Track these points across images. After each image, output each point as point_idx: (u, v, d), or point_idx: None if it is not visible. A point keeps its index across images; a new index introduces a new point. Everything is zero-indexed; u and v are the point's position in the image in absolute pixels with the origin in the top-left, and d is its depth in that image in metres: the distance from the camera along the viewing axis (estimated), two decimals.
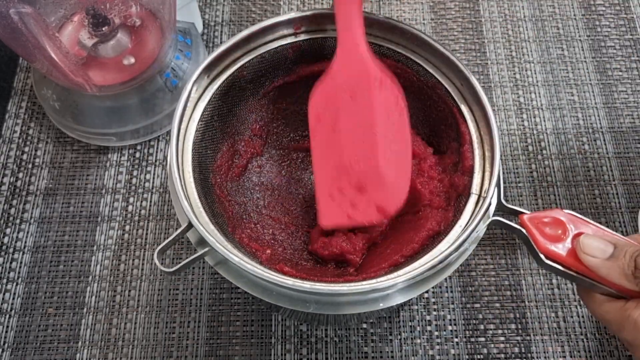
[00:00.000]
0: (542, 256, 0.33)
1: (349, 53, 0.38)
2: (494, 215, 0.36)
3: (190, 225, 0.34)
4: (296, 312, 0.36)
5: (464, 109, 0.39)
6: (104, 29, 0.48)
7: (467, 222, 0.35)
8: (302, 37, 0.41)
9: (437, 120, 0.42)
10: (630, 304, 0.31)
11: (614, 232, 0.33)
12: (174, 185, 0.35)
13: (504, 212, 0.36)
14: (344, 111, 0.38)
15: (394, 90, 0.39)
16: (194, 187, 0.37)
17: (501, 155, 0.43)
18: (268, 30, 0.40)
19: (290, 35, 0.41)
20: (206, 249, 0.34)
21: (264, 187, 0.46)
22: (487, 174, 0.37)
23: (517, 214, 0.35)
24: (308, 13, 0.40)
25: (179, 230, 0.35)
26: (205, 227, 0.35)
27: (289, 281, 0.32)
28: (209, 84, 0.40)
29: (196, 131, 0.39)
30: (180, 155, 0.37)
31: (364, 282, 0.33)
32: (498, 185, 0.36)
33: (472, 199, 0.37)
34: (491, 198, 0.35)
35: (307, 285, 0.32)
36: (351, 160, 0.38)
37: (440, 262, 0.33)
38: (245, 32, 0.40)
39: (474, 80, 0.38)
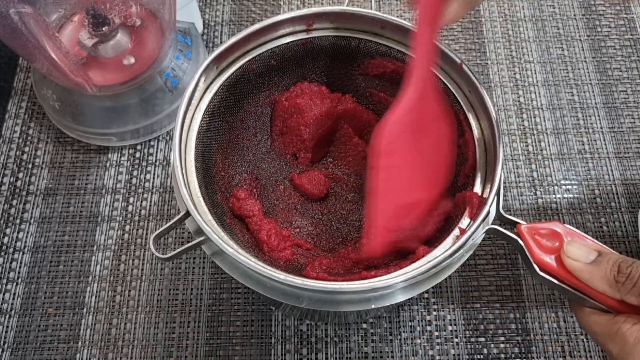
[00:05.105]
0: (536, 267, 0.33)
1: (425, 88, 0.36)
2: (491, 224, 0.36)
3: (188, 214, 0.34)
4: (295, 308, 0.35)
5: (470, 116, 0.39)
6: (104, 29, 0.48)
7: (465, 229, 0.35)
8: (314, 34, 0.41)
9: None
10: (620, 317, 0.31)
11: (606, 246, 0.33)
12: (175, 173, 0.35)
13: (503, 222, 0.36)
14: (412, 148, 0.37)
15: (452, 125, 0.39)
16: (195, 176, 0.37)
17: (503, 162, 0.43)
18: (279, 25, 0.41)
19: (301, 31, 0.41)
20: (202, 238, 0.34)
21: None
22: (488, 182, 0.37)
23: (514, 224, 0.35)
24: (320, 10, 0.40)
25: (176, 218, 0.35)
26: (203, 216, 0.35)
27: (281, 275, 0.32)
28: (218, 75, 0.40)
29: (201, 121, 0.39)
30: (184, 144, 0.37)
31: (358, 282, 0.33)
32: (498, 195, 0.36)
33: None
34: (490, 206, 0.35)
35: (297, 280, 0.32)
36: (412, 195, 0.38)
37: (434, 266, 0.33)
38: (256, 26, 0.40)
39: (482, 89, 0.37)
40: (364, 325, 0.47)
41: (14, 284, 0.49)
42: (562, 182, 0.53)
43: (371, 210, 0.36)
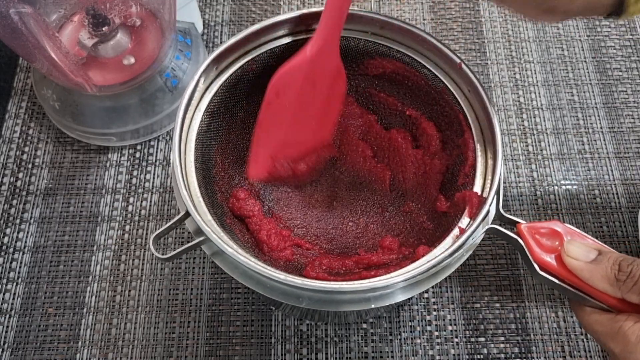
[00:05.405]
0: (536, 266, 0.33)
1: (328, 49, 0.40)
2: (491, 223, 0.36)
3: (187, 214, 0.34)
4: (295, 308, 0.35)
5: (470, 116, 0.39)
6: (104, 29, 0.48)
7: (464, 229, 0.35)
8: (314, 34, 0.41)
9: (443, 126, 0.42)
10: (621, 316, 0.31)
11: (606, 245, 0.33)
12: (174, 173, 0.35)
13: (502, 222, 0.36)
14: (303, 94, 0.42)
15: (344, 80, 0.43)
16: (194, 177, 0.37)
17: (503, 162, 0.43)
18: (279, 25, 0.40)
19: (301, 31, 0.41)
20: (202, 238, 0.34)
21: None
22: (487, 182, 0.37)
23: (514, 223, 0.35)
24: (320, 11, 0.40)
25: (175, 218, 0.35)
26: (203, 216, 0.35)
27: (281, 275, 0.32)
28: (217, 75, 0.40)
29: (201, 122, 0.39)
30: (184, 144, 0.37)
31: (358, 282, 0.33)
32: (498, 194, 0.36)
33: None
34: (489, 206, 0.35)
35: (297, 280, 0.32)
36: (294, 133, 0.43)
37: (434, 266, 0.33)
38: (256, 26, 0.39)
39: (481, 89, 0.37)
40: (364, 325, 0.47)
41: (14, 284, 0.49)
42: (562, 182, 0.53)
43: (256, 138, 0.42)
